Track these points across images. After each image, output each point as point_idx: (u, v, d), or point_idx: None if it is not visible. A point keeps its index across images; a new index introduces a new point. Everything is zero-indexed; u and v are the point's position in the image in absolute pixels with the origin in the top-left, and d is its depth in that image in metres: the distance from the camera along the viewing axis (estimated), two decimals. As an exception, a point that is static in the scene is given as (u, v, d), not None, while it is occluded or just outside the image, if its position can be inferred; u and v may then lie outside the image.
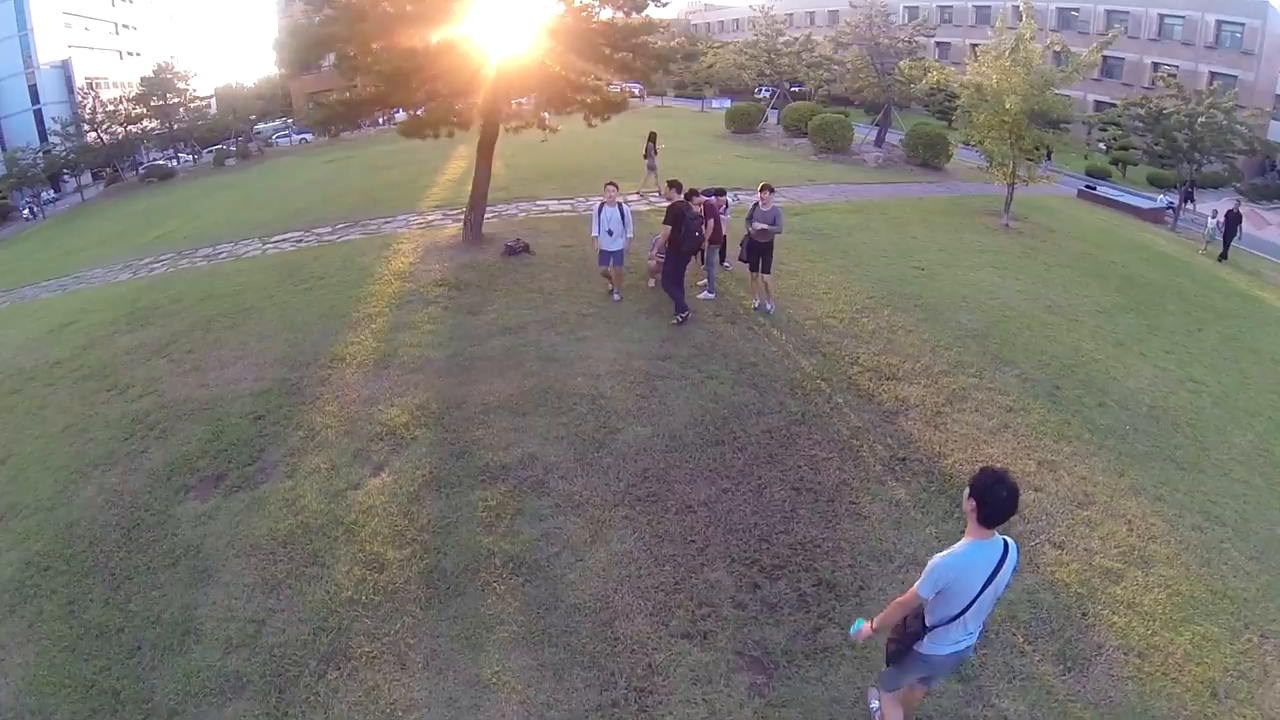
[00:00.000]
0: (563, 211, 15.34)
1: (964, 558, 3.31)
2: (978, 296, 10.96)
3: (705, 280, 10.25)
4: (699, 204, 9.65)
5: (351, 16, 10.37)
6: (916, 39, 24.82)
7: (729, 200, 10.41)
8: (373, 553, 5.46)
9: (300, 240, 15.00)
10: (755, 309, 9.69)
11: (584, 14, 11.41)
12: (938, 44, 24.53)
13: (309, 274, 12.03)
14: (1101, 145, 39.54)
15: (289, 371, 8.33)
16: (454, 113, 11.80)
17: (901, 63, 19.50)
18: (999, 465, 3.93)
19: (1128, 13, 46.42)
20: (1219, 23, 43.82)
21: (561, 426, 6.84)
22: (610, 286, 10.04)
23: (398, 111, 16.27)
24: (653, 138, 17.71)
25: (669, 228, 8.71)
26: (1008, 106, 14.30)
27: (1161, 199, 29.90)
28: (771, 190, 9.35)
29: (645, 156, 17.59)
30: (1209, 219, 20.38)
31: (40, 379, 9.45)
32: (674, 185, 9.41)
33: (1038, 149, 16.32)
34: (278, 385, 8.02)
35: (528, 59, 11.88)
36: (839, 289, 10.59)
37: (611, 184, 9.41)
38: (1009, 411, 7.54)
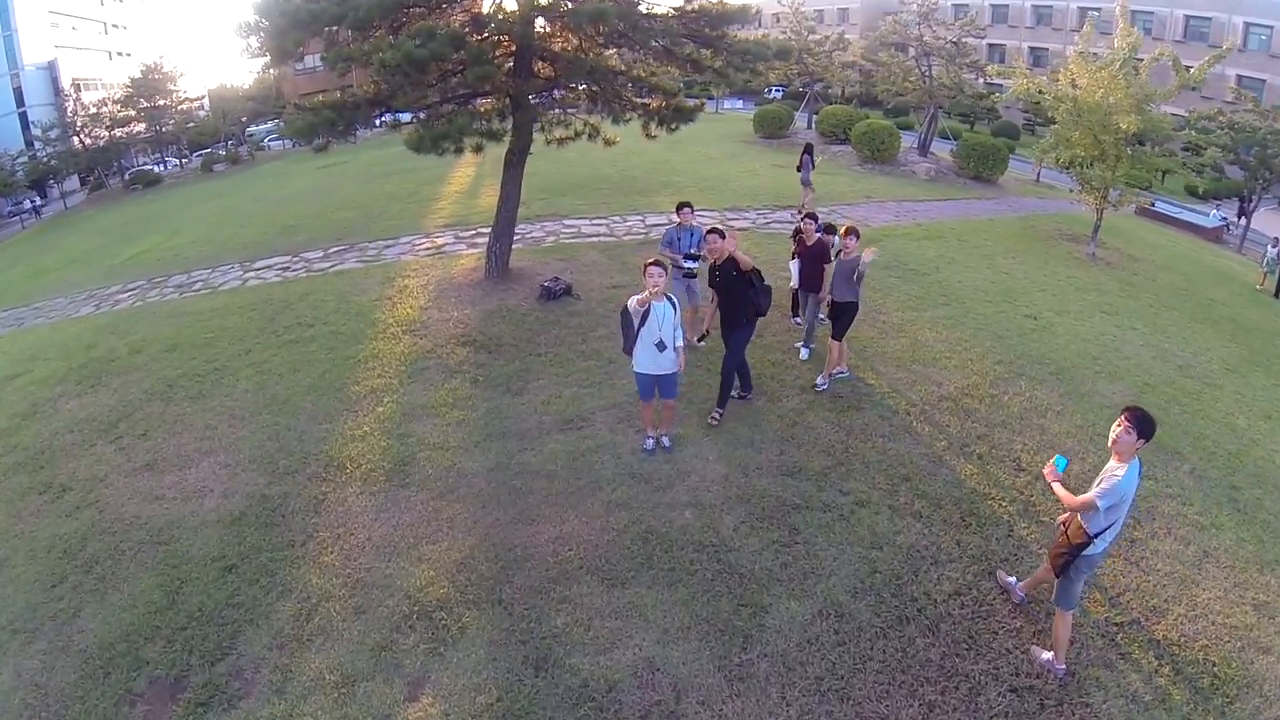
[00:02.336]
0: (598, 235, 13.23)
1: (1133, 477, 4.02)
2: (1106, 355, 9.40)
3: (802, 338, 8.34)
4: (809, 233, 7.80)
5: None
6: (965, 39, 22.78)
7: (835, 239, 8.38)
8: None
9: (286, 269, 12.94)
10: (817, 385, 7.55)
11: None
12: (953, 43, 22.81)
13: (295, 319, 10.00)
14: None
15: (269, 483, 6.26)
16: (478, 117, 9.51)
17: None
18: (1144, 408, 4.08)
19: (1152, 13, 45.06)
20: (1246, 24, 42.91)
21: (682, 606, 4.69)
22: (649, 434, 6.31)
23: (395, 114, 13.82)
24: (809, 149, 15.56)
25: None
26: (1124, 127, 12.13)
27: (1214, 214, 28.25)
28: (857, 235, 7.11)
29: (799, 169, 15.45)
30: (1269, 247, 18.57)
31: (-34, 463, 7.54)
32: (810, 217, 7.49)
33: (1134, 171, 14.22)
34: (254, 508, 5.95)
35: (575, 49, 9.54)
36: (959, 351, 8.62)
37: (656, 264, 5.48)
38: (1200, 530, 6.06)
